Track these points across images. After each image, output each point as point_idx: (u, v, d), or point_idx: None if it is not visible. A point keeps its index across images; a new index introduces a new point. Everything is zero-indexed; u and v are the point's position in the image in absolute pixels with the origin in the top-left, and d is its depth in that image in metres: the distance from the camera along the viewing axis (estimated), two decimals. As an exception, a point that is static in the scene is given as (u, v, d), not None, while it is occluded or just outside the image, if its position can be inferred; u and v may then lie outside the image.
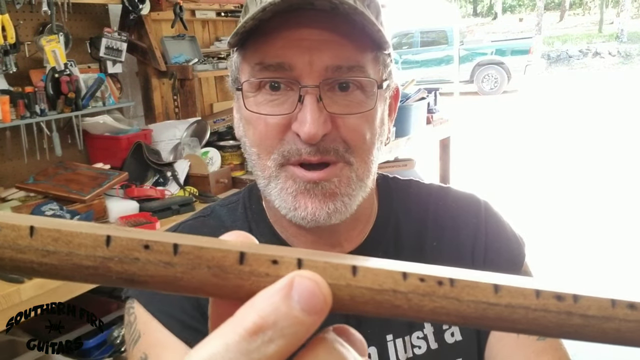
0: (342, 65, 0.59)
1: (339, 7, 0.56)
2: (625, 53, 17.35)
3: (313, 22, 0.59)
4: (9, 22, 1.90)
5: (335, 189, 0.61)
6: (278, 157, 0.61)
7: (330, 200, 0.61)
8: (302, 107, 0.59)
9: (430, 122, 3.75)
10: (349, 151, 0.62)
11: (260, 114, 0.61)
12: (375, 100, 0.63)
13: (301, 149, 0.60)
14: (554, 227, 4.33)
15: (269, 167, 0.62)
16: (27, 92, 2.01)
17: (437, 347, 0.69)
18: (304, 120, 0.58)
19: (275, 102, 0.61)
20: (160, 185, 2.24)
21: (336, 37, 0.59)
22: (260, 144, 0.63)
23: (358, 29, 0.59)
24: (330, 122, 0.60)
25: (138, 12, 2.41)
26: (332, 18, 0.59)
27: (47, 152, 2.13)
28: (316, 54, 0.58)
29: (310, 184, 0.61)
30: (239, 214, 0.75)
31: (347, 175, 0.62)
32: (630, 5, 21.03)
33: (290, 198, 0.61)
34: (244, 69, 0.64)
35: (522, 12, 30.15)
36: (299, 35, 0.59)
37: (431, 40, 12.66)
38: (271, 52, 0.59)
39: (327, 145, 0.60)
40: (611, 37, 19.54)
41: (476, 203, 0.77)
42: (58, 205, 1.83)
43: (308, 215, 0.61)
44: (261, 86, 0.62)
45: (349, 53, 0.60)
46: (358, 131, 0.62)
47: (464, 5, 30.68)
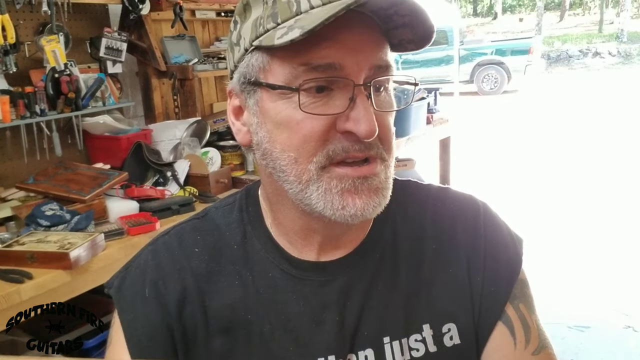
0: (382, 65, 0.61)
1: (415, 7, 0.58)
2: (625, 53, 17.36)
3: (356, 22, 0.59)
4: (9, 22, 1.90)
5: (379, 183, 0.62)
6: (322, 159, 0.60)
7: (376, 195, 0.62)
8: (355, 105, 0.59)
9: (430, 122, 3.75)
10: (382, 148, 0.63)
11: (316, 114, 0.59)
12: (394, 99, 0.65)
13: (348, 147, 0.60)
14: (554, 227, 4.33)
15: (309, 170, 0.61)
16: (27, 92, 2.01)
17: (435, 351, 0.68)
18: (360, 118, 0.59)
19: (319, 102, 0.60)
20: (160, 185, 2.24)
21: (375, 36, 0.61)
22: (300, 147, 0.61)
23: (382, 30, 0.61)
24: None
25: (138, 12, 2.41)
26: (368, 18, 0.60)
27: (47, 152, 2.13)
28: (361, 53, 0.59)
29: (358, 180, 0.61)
30: (234, 217, 0.74)
31: (384, 170, 0.64)
32: (630, 5, 21.02)
33: (337, 197, 0.61)
34: (277, 70, 0.61)
35: (522, 12, 30.16)
36: (345, 35, 0.59)
37: (431, 40, 12.64)
38: (318, 52, 0.58)
39: (371, 142, 0.61)
40: (611, 37, 19.54)
41: (475, 206, 0.76)
42: (58, 205, 1.83)
43: (358, 212, 0.61)
44: (301, 88, 0.60)
45: (383, 53, 0.62)
46: (389, 129, 0.64)
47: (464, 5, 30.67)
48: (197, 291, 0.69)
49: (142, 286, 0.70)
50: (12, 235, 1.72)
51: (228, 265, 0.70)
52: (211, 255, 0.71)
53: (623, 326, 2.89)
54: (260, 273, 0.70)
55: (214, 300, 0.69)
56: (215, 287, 0.69)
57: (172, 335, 0.68)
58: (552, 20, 25.91)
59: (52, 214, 1.78)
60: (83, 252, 1.59)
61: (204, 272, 0.70)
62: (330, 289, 0.68)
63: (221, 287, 0.69)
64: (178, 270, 0.70)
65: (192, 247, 0.72)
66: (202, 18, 2.98)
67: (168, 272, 0.70)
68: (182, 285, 0.69)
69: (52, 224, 1.76)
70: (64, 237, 1.66)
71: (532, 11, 27.18)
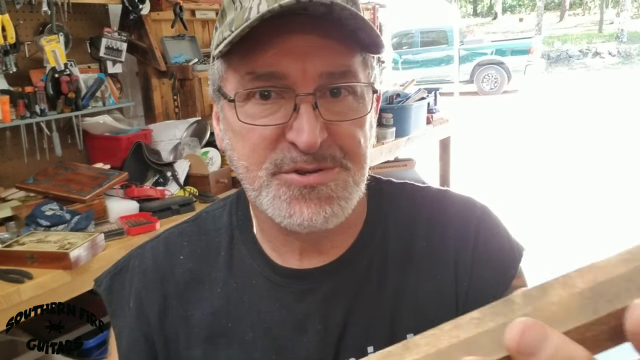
0: (335, 71, 0.58)
1: (333, 12, 0.54)
2: (625, 53, 17.36)
3: (304, 27, 0.57)
4: (9, 22, 1.90)
5: (331, 192, 0.60)
6: (270, 167, 0.59)
7: (327, 204, 0.59)
8: (298, 115, 0.57)
9: (430, 122, 3.75)
10: (346, 157, 0.60)
11: (255, 125, 0.59)
12: (369, 105, 0.62)
13: (296, 157, 0.58)
14: (554, 227, 4.33)
15: (259, 177, 0.60)
16: (27, 92, 2.01)
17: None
18: (302, 129, 0.56)
19: (267, 111, 0.59)
20: (160, 185, 2.24)
21: (328, 42, 0.58)
22: (250, 155, 0.61)
23: (347, 32, 0.58)
24: (325, 129, 0.58)
25: (138, 12, 2.41)
26: (322, 23, 0.57)
27: (47, 152, 2.13)
28: (309, 60, 0.57)
29: (306, 189, 0.59)
30: (223, 221, 0.73)
31: (343, 179, 0.61)
32: (630, 5, 21.03)
33: (284, 205, 0.59)
34: (230, 79, 0.61)
35: (522, 12, 30.17)
36: (290, 42, 0.57)
37: (431, 40, 12.66)
38: (262, 60, 0.57)
39: (324, 152, 0.58)
40: (611, 37, 19.54)
41: (471, 208, 0.73)
42: (58, 205, 1.83)
43: (305, 221, 0.59)
44: (250, 96, 0.59)
45: (340, 58, 0.58)
46: (353, 137, 0.61)
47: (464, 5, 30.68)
48: (179, 300, 0.69)
49: (128, 294, 0.71)
50: (12, 235, 1.72)
51: (212, 272, 0.70)
52: (196, 263, 0.71)
53: (623, 326, 2.89)
54: (244, 280, 0.69)
55: (197, 309, 0.69)
56: (198, 295, 0.69)
57: (153, 346, 0.69)
58: (552, 20, 25.92)
59: (52, 214, 1.78)
60: (83, 252, 1.59)
61: (188, 281, 0.70)
62: (313, 298, 0.67)
63: (204, 296, 0.69)
64: (161, 278, 0.71)
65: (178, 254, 0.72)
66: (202, 18, 2.98)
67: (151, 281, 0.71)
68: (164, 295, 0.70)
69: (52, 224, 1.76)
70: (64, 237, 1.66)
71: (532, 11, 27.19)
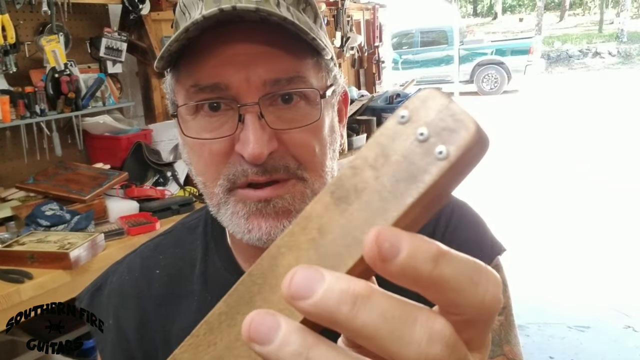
0: (281, 78, 0.56)
1: (269, 18, 0.53)
2: (625, 53, 17.35)
3: (246, 35, 0.55)
4: (9, 22, 1.90)
5: (289, 205, 0.58)
6: (224, 182, 0.58)
7: (285, 218, 0.58)
8: (244, 126, 0.56)
9: (430, 122, 3.75)
10: (301, 167, 0.59)
11: (202, 139, 0.58)
12: (321, 109, 0.59)
13: (247, 170, 0.56)
14: (553, 227, 4.33)
15: (216, 194, 0.59)
16: (27, 92, 2.01)
17: None
18: (247, 140, 0.55)
19: (215, 124, 0.57)
20: (160, 185, 2.24)
21: (271, 48, 0.56)
22: (205, 171, 0.60)
23: (294, 37, 0.56)
24: (275, 139, 0.56)
25: (138, 12, 2.41)
26: (265, 29, 0.55)
27: (47, 152, 2.13)
28: (252, 69, 0.55)
29: (261, 203, 0.58)
30: (198, 233, 0.73)
31: (300, 190, 0.59)
32: (630, 5, 21.03)
33: (242, 221, 0.58)
34: (179, 92, 0.59)
35: (522, 12, 30.16)
36: (232, 51, 0.55)
37: (431, 40, 12.66)
38: (205, 72, 0.56)
39: (275, 163, 0.57)
40: (611, 37, 19.54)
41: (445, 207, 0.71)
42: (58, 205, 1.83)
43: (263, 236, 0.58)
44: (199, 109, 0.58)
45: (286, 64, 0.57)
46: (306, 145, 0.58)
47: (464, 5, 30.67)
48: (156, 316, 0.69)
49: (106, 311, 0.71)
50: (12, 235, 1.72)
51: (188, 286, 0.69)
52: (171, 277, 0.71)
53: (623, 326, 2.89)
54: (220, 294, 0.67)
55: (174, 324, 0.68)
56: (174, 310, 0.69)
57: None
58: (552, 20, 25.91)
59: (52, 214, 1.78)
60: (83, 252, 1.59)
61: (164, 296, 0.70)
62: None
63: (181, 310, 0.69)
64: (137, 294, 0.70)
65: (154, 268, 0.72)
66: (202, 18, 2.98)
67: (128, 297, 0.71)
68: (141, 312, 0.70)
69: (52, 224, 1.76)
70: (64, 237, 1.66)
71: (532, 11, 27.18)
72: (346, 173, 0.25)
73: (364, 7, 4.38)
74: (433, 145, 0.23)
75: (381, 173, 0.24)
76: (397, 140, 0.24)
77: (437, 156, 0.23)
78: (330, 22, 3.84)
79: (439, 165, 0.23)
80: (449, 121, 0.23)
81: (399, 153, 0.24)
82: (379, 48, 4.51)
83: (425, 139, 0.23)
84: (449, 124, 0.23)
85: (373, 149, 0.25)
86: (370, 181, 0.24)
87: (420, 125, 0.24)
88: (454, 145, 0.23)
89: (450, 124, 0.23)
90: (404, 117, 0.24)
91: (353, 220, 0.24)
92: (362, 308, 0.22)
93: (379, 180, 0.24)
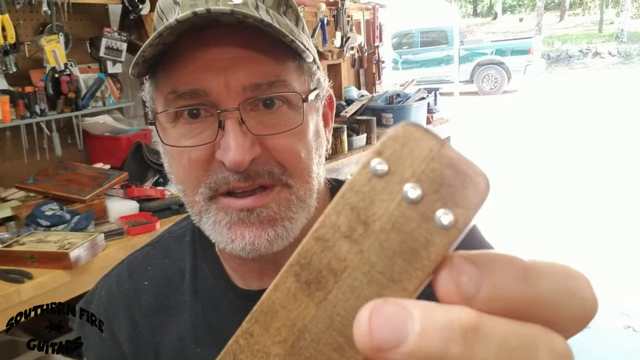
0: (261, 82, 0.54)
1: (246, 21, 0.51)
2: (625, 53, 17.35)
3: (223, 39, 0.54)
4: (9, 22, 1.90)
5: (274, 214, 0.56)
6: (205, 191, 0.56)
7: (270, 227, 0.56)
8: (224, 133, 0.54)
9: (430, 122, 3.76)
10: (286, 173, 0.57)
11: (181, 146, 0.56)
12: (304, 114, 0.57)
13: (229, 177, 0.55)
14: (553, 227, 4.33)
15: (197, 202, 0.58)
16: (27, 92, 2.01)
17: None
18: (227, 147, 0.53)
19: (195, 131, 0.56)
20: (160, 185, 2.24)
21: (251, 52, 0.54)
22: (185, 179, 0.58)
23: (274, 40, 0.54)
24: (258, 144, 0.55)
25: (138, 12, 2.41)
26: (243, 33, 0.54)
27: (47, 152, 2.13)
28: (231, 73, 0.53)
29: (244, 213, 0.56)
30: (185, 242, 0.72)
31: (286, 197, 0.57)
32: (630, 5, 21.02)
33: (224, 230, 0.57)
34: (158, 99, 0.58)
35: (522, 12, 30.15)
36: (210, 56, 0.54)
37: (431, 40, 12.66)
38: (183, 78, 0.54)
39: (258, 169, 0.55)
40: (611, 37, 19.54)
41: None
42: (58, 205, 1.83)
43: (247, 246, 0.56)
44: (178, 116, 0.56)
45: (266, 68, 0.55)
46: (291, 150, 0.56)
47: (464, 5, 30.67)
48: (147, 327, 0.68)
49: (98, 325, 0.71)
50: (12, 235, 1.72)
51: (178, 296, 0.69)
52: (161, 288, 0.70)
53: (623, 326, 2.89)
54: (209, 304, 0.67)
55: (165, 336, 0.67)
56: (165, 321, 0.68)
57: None
58: (552, 20, 25.91)
59: (52, 214, 1.78)
60: (83, 252, 1.59)
61: (153, 307, 0.69)
62: None
63: (171, 321, 0.68)
64: (127, 306, 0.70)
65: (142, 279, 0.71)
66: (202, 18, 2.98)
67: (119, 309, 0.70)
68: (132, 323, 0.69)
69: (52, 224, 1.76)
70: (64, 237, 1.66)
71: (532, 11, 27.18)
72: (312, 247, 0.19)
73: (364, 7, 4.38)
74: (431, 208, 0.18)
75: (364, 247, 0.18)
76: (377, 201, 0.18)
77: (439, 223, 0.18)
78: (330, 22, 3.84)
79: (445, 235, 0.18)
80: (448, 175, 0.18)
81: (384, 219, 0.18)
82: (379, 48, 4.51)
83: (419, 199, 0.18)
84: (447, 178, 0.18)
85: (344, 214, 0.19)
86: (350, 258, 0.19)
87: (406, 179, 0.18)
88: (462, 208, 0.18)
89: (449, 179, 0.18)
90: (381, 169, 0.18)
91: (337, 314, 0.19)
92: (477, 343, 0.17)
93: (364, 258, 0.18)
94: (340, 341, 0.19)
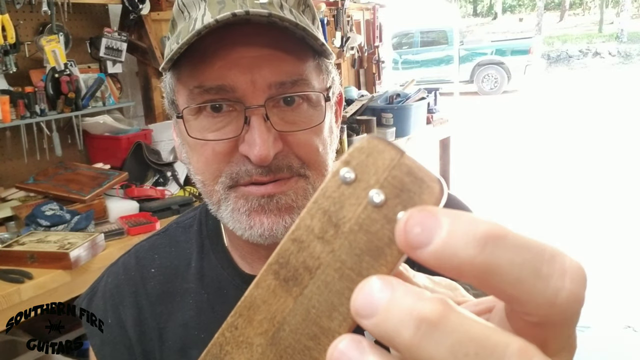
0: (286, 81, 0.56)
1: (277, 21, 0.53)
2: (625, 53, 17.35)
3: (250, 38, 0.56)
4: (9, 22, 1.90)
5: (291, 202, 0.58)
6: (226, 180, 0.58)
7: (287, 214, 0.58)
8: (249, 128, 0.56)
9: (430, 122, 3.75)
10: (304, 166, 0.59)
11: (206, 140, 0.58)
12: (324, 112, 0.60)
13: (252, 170, 0.57)
14: (553, 227, 4.33)
15: (216, 191, 0.59)
16: (27, 92, 2.01)
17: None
18: (253, 142, 0.55)
19: (218, 124, 0.58)
20: (160, 185, 2.24)
21: (276, 51, 0.56)
22: (205, 170, 0.60)
23: (297, 39, 0.57)
24: (280, 140, 0.57)
25: (138, 12, 2.41)
26: (269, 32, 0.55)
27: (47, 152, 2.13)
28: (257, 71, 0.55)
29: (264, 199, 0.58)
30: (193, 232, 0.73)
31: (303, 187, 0.59)
32: (630, 5, 21.03)
33: (244, 217, 0.58)
34: (181, 92, 0.59)
35: (522, 12, 30.15)
36: (237, 54, 0.55)
37: (431, 40, 12.66)
38: (210, 73, 0.56)
39: (279, 163, 0.57)
40: (611, 37, 19.53)
41: None
42: (58, 205, 1.83)
43: (265, 232, 0.58)
44: (201, 109, 0.58)
45: (290, 66, 0.57)
46: (310, 145, 0.59)
47: (464, 5, 30.66)
48: (152, 314, 0.69)
49: (104, 312, 0.71)
50: (12, 235, 1.72)
51: (183, 284, 0.70)
52: (166, 276, 0.71)
53: (623, 326, 2.89)
54: (215, 291, 0.69)
55: (169, 322, 0.69)
56: (170, 308, 0.69)
57: (135, 358, 0.70)
58: (552, 20, 25.90)
59: (52, 214, 1.78)
60: (83, 252, 1.59)
61: (159, 294, 0.70)
62: None
63: (176, 308, 0.69)
64: (134, 292, 0.71)
65: (149, 267, 0.72)
66: (202, 18, 2.97)
67: (126, 295, 0.71)
68: (138, 308, 0.70)
69: (52, 224, 1.76)
70: (64, 237, 1.66)
71: (532, 11, 27.19)
72: (289, 247, 0.22)
73: (364, 7, 4.38)
74: (393, 211, 0.20)
75: (335, 246, 0.21)
76: (346, 205, 0.21)
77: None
78: (330, 22, 3.84)
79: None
80: (407, 181, 0.20)
81: (353, 222, 0.20)
82: (379, 48, 4.51)
83: (382, 203, 0.20)
84: (407, 184, 0.20)
85: (317, 217, 0.21)
86: (323, 257, 0.21)
87: (371, 185, 0.20)
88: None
89: (408, 184, 0.20)
90: (349, 177, 0.21)
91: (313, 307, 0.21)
92: (430, 336, 0.17)
93: (335, 256, 0.21)
94: (315, 331, 0.21)
